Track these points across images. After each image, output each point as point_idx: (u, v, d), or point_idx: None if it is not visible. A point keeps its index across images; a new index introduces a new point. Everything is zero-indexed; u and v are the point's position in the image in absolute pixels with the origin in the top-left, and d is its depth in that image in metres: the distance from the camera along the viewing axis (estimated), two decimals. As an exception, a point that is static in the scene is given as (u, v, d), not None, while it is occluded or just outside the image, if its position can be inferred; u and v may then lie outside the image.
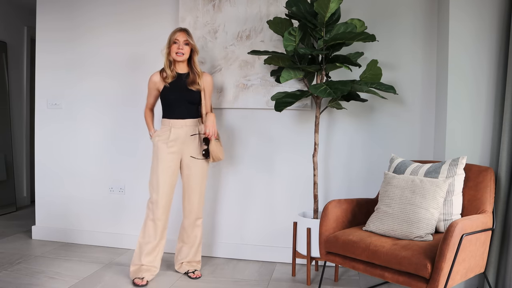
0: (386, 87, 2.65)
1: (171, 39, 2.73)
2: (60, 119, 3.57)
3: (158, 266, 2.77)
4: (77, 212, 3.55)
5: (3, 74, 4.54)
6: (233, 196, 3.28)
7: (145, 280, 2.68)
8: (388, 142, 3.05)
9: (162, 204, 2.70)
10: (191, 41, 2.75)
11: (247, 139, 3.24)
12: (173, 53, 2.72)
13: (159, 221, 2.71)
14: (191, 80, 2.77)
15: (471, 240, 2.02)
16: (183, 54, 2.72)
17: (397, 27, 3.01)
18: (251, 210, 3.25)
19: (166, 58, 2.75)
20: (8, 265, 2.96)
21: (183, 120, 2.74)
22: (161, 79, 2.78)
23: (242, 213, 3.27)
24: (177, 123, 2.74)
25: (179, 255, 2.91)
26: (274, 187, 3.22)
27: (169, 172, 2.72)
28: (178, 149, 2.74)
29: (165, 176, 2.71)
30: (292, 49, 2.66)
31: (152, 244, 2.71)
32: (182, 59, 2.75)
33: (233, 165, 3.27)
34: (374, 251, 2.11)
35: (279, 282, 2.79)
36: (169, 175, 2.72)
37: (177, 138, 2.73)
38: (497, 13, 2.52)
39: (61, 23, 3.53)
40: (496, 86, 2.53)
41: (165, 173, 2.70)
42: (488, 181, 2.27)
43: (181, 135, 2.74)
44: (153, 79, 2.80)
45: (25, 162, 4.91)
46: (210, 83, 2.86)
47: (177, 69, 2.79)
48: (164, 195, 2.71)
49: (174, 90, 2.75)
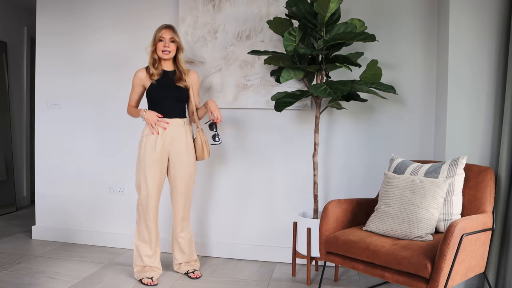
0: (386, 87, 2.65)
1: (156, 36, 2.66)
2: (60, 119, 3.57)
3: (160, 266, 2.78)
4: (77, 212, 3.55)
5: (3, 74, 4.54)
6: (233, 196, 3.28)
7: (155, 280, 2.69)
8: (388, 142, 3.05)
9: (151, 205, 2.69)
10: (176, 39, 2.69)
11: (247, 139, 3.24)
12: (159, 51, 2.67)
13: (150, 222, 2.71)
14: (178, 77, 2.72)
15: (471, 240, 2.02)
16: (170, 52, 2.67)
17: (397, 27, 3.01)
18: (252, 210, 3.25)
19: (151, 56, 2.69)
20: (8, 265, 2.96)
21: (170, 119, 2.69)
22: (147, 76, 2.71)
23: (242, 213, 3.27)
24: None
25: (173, 256, 2.90)
26: (274, 187, 3.22)
27: (157, 173, 2.68)
28: (164, 149, 2.69)
29: (153, 177, 2.66)
30: (292, 49, 2.66)
31: (149, 245, 2.72)
32: (169, 57, 2.69)
33: (233, 165, 3.27)
34: (374, 251, 2.11)
35: (279, 282, 2.79)
36: (156, 176, 2.68)
37: (164, 138, 2.69)
38: (497, 11, 2.52)
39: (61, 23, 3.53)
40: (496, 86, 2.53)
41: (152, 174, 2.66)
42: (488, 181, 2.27)
43: (168, 134, 2.69)
44: (138, 74, 2.73)
45: (25, 162, 4.91)
46: (196, 80, 2.83)
47: (163, 66, 2.74)
48: (153, 196, 2.68)
49: (161, 87, 2.69)
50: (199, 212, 3.31)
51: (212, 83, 3.22)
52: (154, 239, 2.74)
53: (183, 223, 2.82)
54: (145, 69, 2.75)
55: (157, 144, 2.67)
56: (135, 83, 2.76)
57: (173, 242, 2.87)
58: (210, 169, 3.29)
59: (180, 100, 2.73)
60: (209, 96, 3.23)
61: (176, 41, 2.70)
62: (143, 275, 2.70)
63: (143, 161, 2.67)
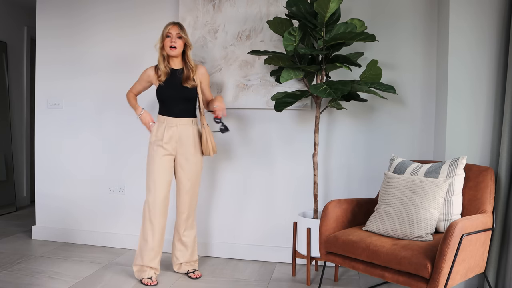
0: (386, 87, 2.65)
1: (163, 33, 2.70)
2: (60, 119, 3.57)
3: (158, 267, 2.77)
4: (77, 212, 3.55)
5: (3, 74, 4.54)
6: (233, 196, 3.28)
7: (155, 280, 2.70)
8: (388, 142, 3.05)
9: (158, 203, 2.70)
10: (183, 35, 2.71)
11: (247, 139, 3.24)
12: (166, 48, 2.70)
13: (155, 220, 2.70)
14: (186, 77, 2.74)
15: (471, 240, 2.02)
16: (176, 48, 2.69)
17: (397, 27, 3.01)
18: (252, 210, 3.25)
19: (160, 53, 2.74)
20: (8, 265, 2.96)
21: (178, 119, 2.73)
22: (155, 75, 2.77)
23: (242, 213, 3.27)
24: (171, 121, 2.72)
25: (174, 256, 2.89)
26: (274, 187, 3.22)
27: (164, 172, 2.72)
28: (172, 149, 2.73)
29: (160, 176, 2.70)
30: (292, 49, 2.66)
31: (151, 245, 2.71)
32: (176, 53, 2.71)
33: (233, 165, 3.27)
34: (374, 251, 2.11)
35: (279, 282, 2.79)
36: (164, 175, 2.71)
37: (171, 138, 2.72)
38: (497, 11, 2.52)
39: (61, 23, 3.53)
40: (496, 85, 2.53)
41: (160, 174, 2.70)
42: (488, 181, 2.27)
43: (175, 134, 2.72)
44: (148, 71, 2.80)
45: (25, 162, 4.91)
46: (205, 75, 2.85)
47: (171, 64, 2.77)
48: (160, 195, 2.70)
49: (169, 88, 2.73)
50: (199, 212, 3.31)
51: (212, 83, 3.22)
52: (157, 238, 2.72)
53: (188, 222, 2.84)
54: (154, 68, 2.80)
55: (164, 144, 2.70)
56: (142, 77, 2.83)
57: (175, 242, 2.87)
58: (211, 169, 3.29)
59: (188, 99, 2.75)
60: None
61: (183, 37, 2.72)
62: (142, 275, 2.71)
63: (151, 161, 2.72)
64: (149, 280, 2.68)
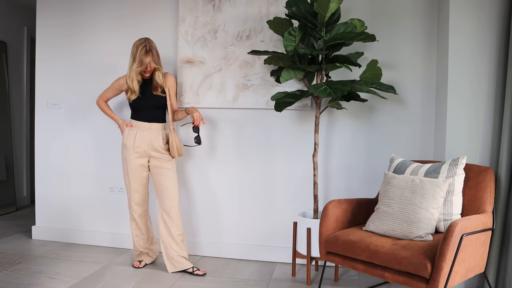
0: (386, 87, 2.65)
1: (137, 56, 2.75)
2: (60, 119, 3.57)
3: (155, 251, 3.06)
4: (77, 212, 3.55)
5: (3, 74, 4.54)
6: (233, 196, 3.28)
7: (143, 263, 2.98)
8: (388, 142, 3.05)
9: (136, 202, 2.94)
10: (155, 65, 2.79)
11: (247, 139, 3.24)
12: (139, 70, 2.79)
13: (138, 217, 2.97)
14: (155, 86, 2.88)
15: (471, 240, 2.02)
16: (150, 73, 2.85)
17: (397, 27, 3.01)
18: (251, 210, 3.25)
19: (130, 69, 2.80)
20: (8, 265, 2.96)
21: (149, 124, 2.90)
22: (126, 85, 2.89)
23: (242, 213, 3.27)
24: (143, 125, 2.89)
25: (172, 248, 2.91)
26: (274, 187, 3.22)
27: (138, 174, 2.91)
28: (143, 151, 2.89)
29: (135, 178, 2.90)
30: (292, 49, 2.66)
31: (141, 237, 3.00)
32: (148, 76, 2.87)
33: (233, 165, 3.27)
34: (374, 251, 2.11)
35: (279, 282, 2.79)
36: (139, 176, 2.91)
37: (143, 141, 2.88)
38: (497, 11, 2.52)
39: (61, 23, 3.53)
40: (496, 86, 2.53)
41: (134, 176, 2.90)
42: (488, 181, 2.27)
43: (146, 138, 2.88)
44: (120, 81, 2.96)
45: (25, 162, 4.91)
46: (173, 83, 2.99)
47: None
48: (137, 194, 2.93)
49: (141, 98, 2.87)
50: (199, 212, 3.32)
51: (212, 83, 3.23)
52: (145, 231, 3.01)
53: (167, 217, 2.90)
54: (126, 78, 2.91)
55: (136, 148, 2.87)
56: (114, 86, 2.99)
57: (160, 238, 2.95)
58: (210, 169, 3.30)
59: (158, 107, 2.91)
60: (210, 95, 3.23)
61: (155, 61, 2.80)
62: (135, 259, 3.01)
63: (125, 164, 2.92)
64: (137, 263, 2.96)
